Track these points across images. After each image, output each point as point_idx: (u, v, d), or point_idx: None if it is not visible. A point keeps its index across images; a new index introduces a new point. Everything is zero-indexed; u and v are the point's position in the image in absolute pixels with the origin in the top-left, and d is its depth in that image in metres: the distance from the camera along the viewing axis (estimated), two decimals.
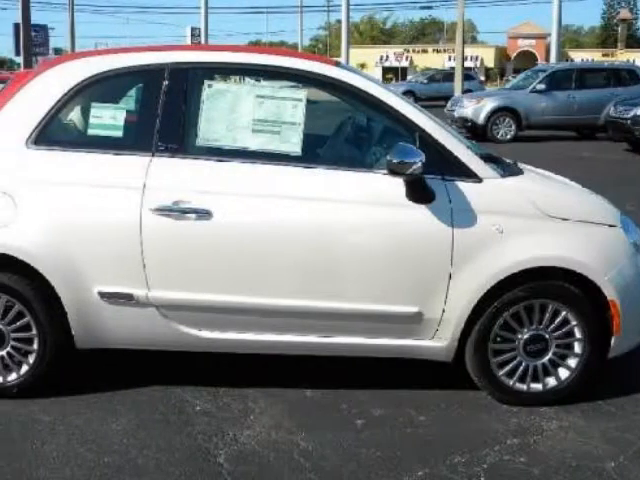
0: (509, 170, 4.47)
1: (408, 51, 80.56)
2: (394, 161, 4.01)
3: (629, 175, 14.01)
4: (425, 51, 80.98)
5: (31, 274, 4.20)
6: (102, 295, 4.21)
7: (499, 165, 4.46)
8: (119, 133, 4.29)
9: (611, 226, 4.39)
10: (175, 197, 4.11)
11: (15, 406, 4.29)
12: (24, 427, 4.08)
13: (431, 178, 4.12)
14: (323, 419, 4.20)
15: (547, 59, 53.60)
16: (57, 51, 47.36)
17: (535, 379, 4.36)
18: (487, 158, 4.41)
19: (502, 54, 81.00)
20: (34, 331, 4.28)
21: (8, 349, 4.33)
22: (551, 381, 4.37)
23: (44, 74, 4.41)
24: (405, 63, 77.78)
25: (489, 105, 21.14)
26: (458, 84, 34.41)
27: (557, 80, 21.28)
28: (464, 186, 4.17)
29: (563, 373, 4.37)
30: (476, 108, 21.18)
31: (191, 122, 4.24)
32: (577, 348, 4.34)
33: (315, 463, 3.74)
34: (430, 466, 3.72)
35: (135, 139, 4.30)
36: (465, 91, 32.39)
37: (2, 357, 4.34)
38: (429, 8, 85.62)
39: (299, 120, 4.22)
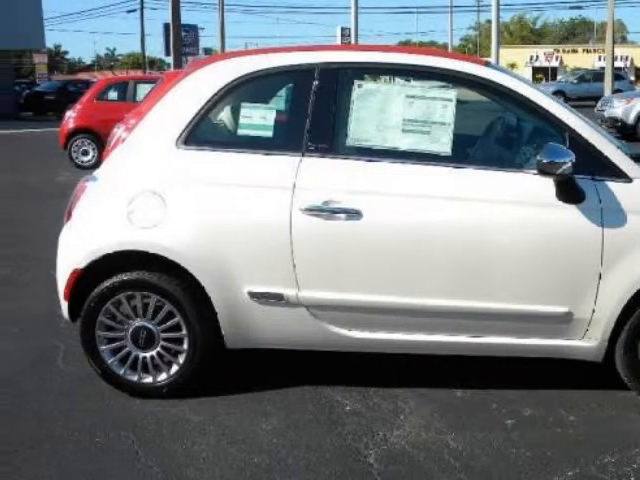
0: None
1: (558, 51, 79.23)
2: (544, 161, 3.98)
3: None
4: (575, 51, 79.69)
5: (181, 274, 4.25)
6: (252, 295, 4.23)
7: None
8: (269, 133, 4.33)
9: None
10: (325, 197, 4.13)
11: (165, 406, 4.35)
12: (174, 427, 4.12)
13: (581, 178, 4.10)
14: (473, 419, 4.19)
15: None
16: (207, 51, 47.48)
17: None
18: (637, 158, 4.35)
19: None
20: (184, 331, 4.32)
21: (158, 349, 4.38)
22: None
23: (194, 74, 4.46)
24: (555, 63, 76.46)
25: (639, 105, 20.89)
26: (608, 84, 34.25)
27: None
28: (614, 186, 4.13)
29: None
30: (626, 108, 20.95)
31: (341, 122, 4.26)
32: None
33: (465, 463, 3.73)
34: (580, 466, 3.70)
35: (285, 139, 4.32)
36: (615, 91, 32.15)
37: (152, 357, 4.40)
38: (579, 8, 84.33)
39: (449, 120, 4.21)
